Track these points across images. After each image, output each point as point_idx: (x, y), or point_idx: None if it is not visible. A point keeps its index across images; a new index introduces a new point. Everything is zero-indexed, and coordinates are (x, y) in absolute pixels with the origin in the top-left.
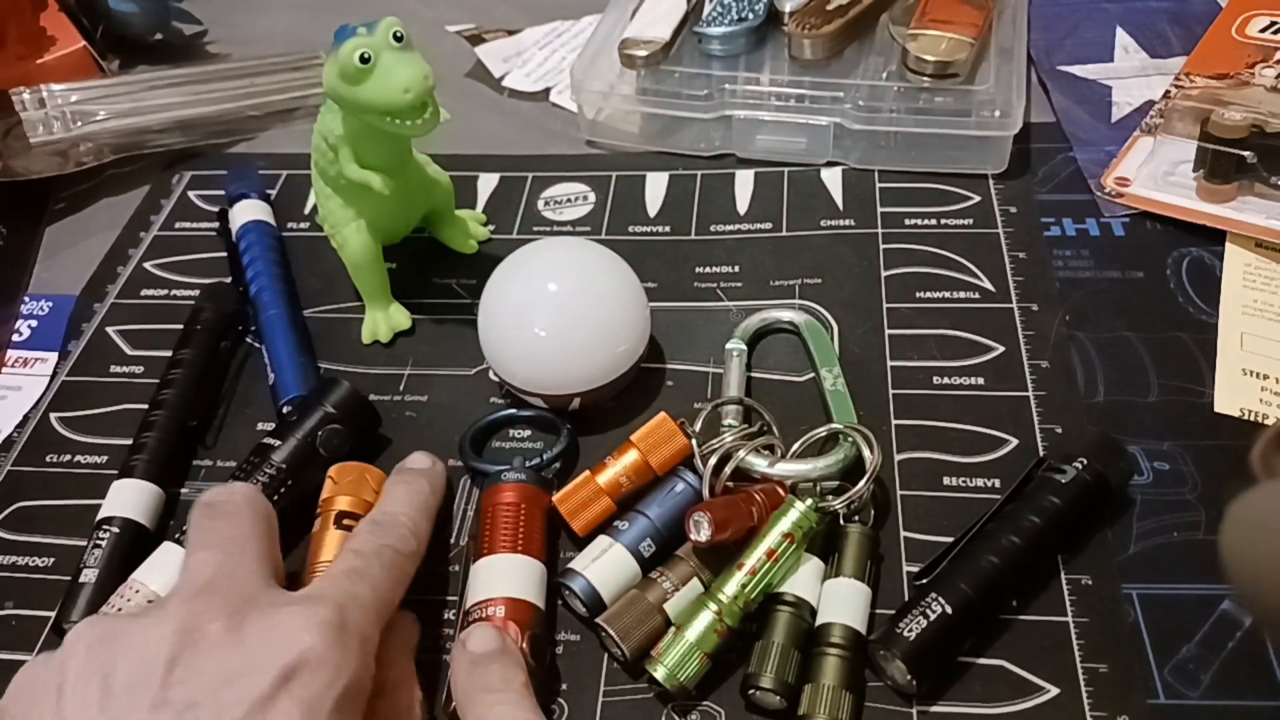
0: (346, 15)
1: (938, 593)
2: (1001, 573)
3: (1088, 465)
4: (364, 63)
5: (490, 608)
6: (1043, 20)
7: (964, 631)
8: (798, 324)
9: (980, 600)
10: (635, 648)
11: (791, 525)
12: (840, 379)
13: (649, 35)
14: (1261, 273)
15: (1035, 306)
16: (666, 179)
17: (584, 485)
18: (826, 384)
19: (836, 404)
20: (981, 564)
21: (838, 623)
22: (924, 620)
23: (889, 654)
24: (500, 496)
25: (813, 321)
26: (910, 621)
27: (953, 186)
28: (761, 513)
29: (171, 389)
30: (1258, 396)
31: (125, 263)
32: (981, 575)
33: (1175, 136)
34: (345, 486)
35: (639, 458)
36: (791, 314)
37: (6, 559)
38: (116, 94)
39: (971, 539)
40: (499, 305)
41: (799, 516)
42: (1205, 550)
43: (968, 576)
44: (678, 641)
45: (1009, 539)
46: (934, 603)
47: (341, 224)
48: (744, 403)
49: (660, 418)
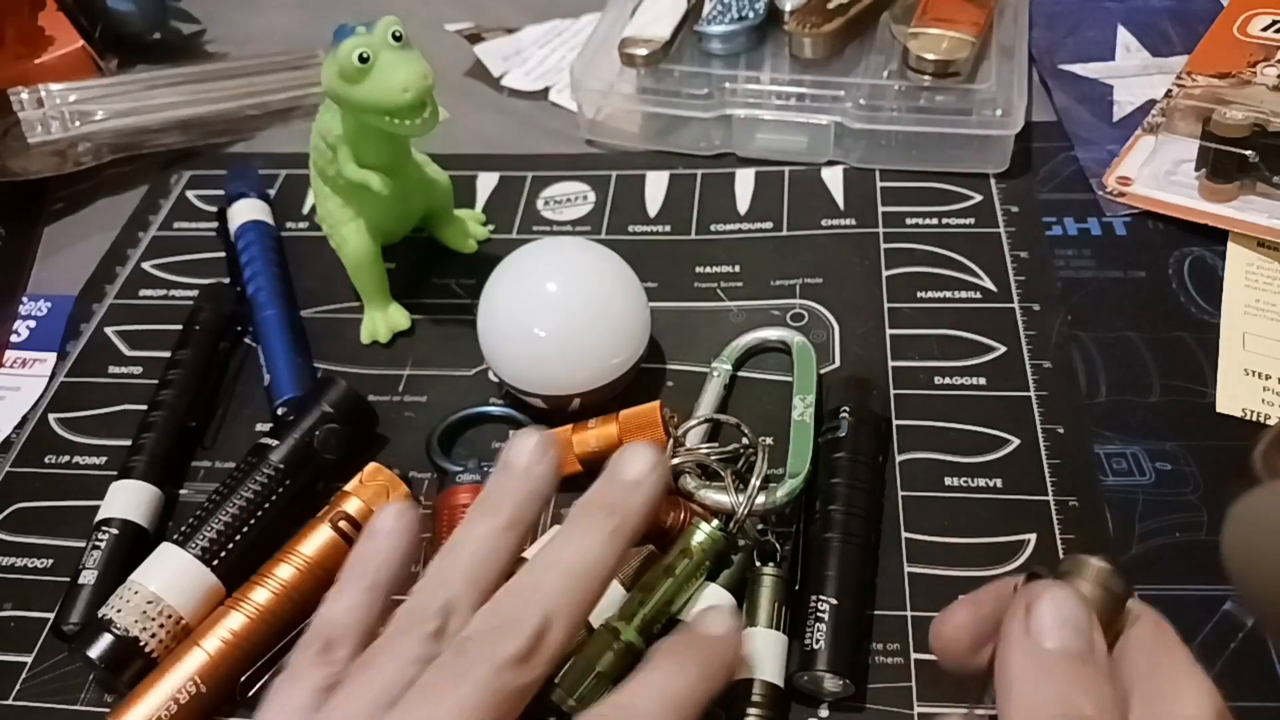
0: (345, 14)
1: (814, 593)
2: (850, 541)
3: (854, 409)
4: (363, 62)
5: None
6: (1044, 19)
7: (859, 610)
8: (790, 344)
9: (853, 575)
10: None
11: (692, 543)
12: (810, 409)
13: (649, 34)
14: (1264, 272)
15: (1037, 306)
16: (666, 178)
17: (560, 436)
18: (795, 412)
19: (797, 434)
20: (829, 545)
21: (757, 678)
22: (822, 624)
23: (816, 675)
24: (455, 499)
25: (805, 345)
26: (813, 634)
27: (954, 186)
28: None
29: (170, 390)
30: (1260, 397)
31: (124, 263)
32: (837, 554)
33: (1177, 136)
34: (365, 491)
35: (615, 434)
36: (784, 334)
37: (5, 560)
38: (115, 94)
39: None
40: (498, 305)
41: (702, 537)
42: (1207, 551)
43: (825, 562)
44: (575, 663)
45: (836, 511)
46: (820, 603)
47: (340, 224)
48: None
49: (652, 405)
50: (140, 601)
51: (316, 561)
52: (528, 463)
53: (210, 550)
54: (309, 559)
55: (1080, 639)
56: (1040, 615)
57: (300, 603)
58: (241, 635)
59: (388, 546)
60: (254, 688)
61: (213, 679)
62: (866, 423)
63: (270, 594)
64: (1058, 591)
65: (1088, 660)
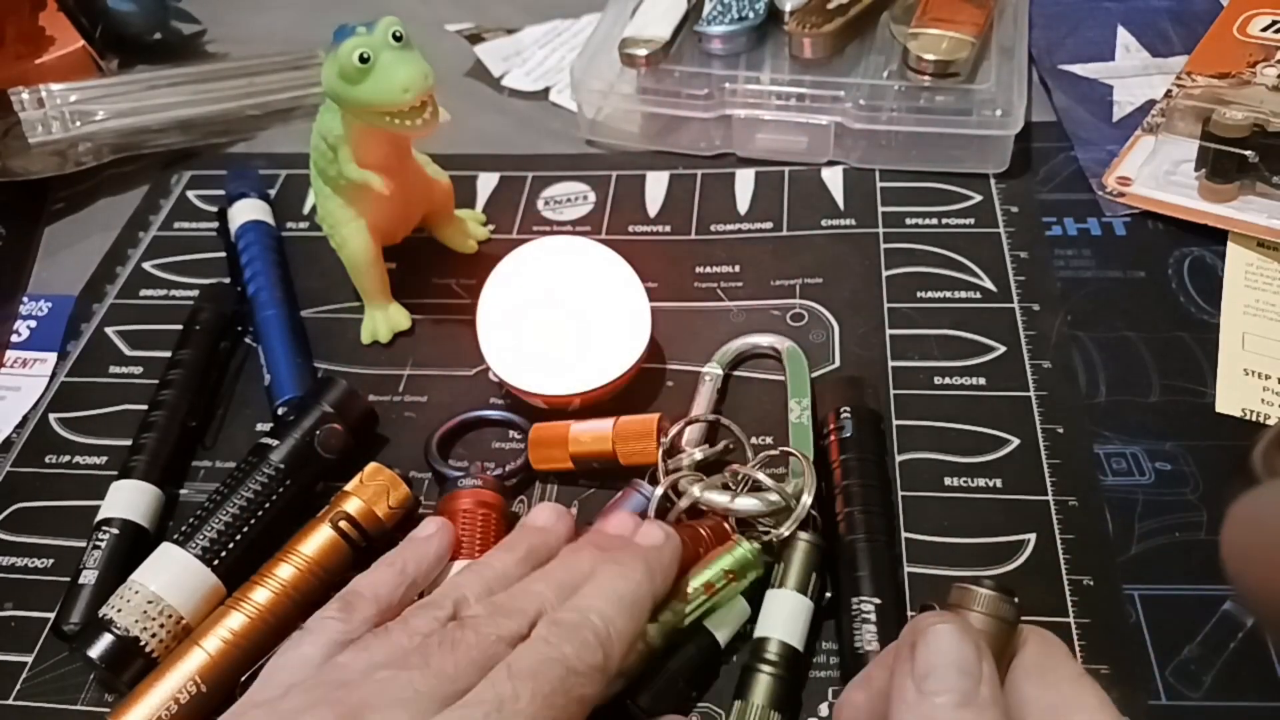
0: (345, 14)
1: (852, 595)
2: (875, 539)
3: (855, 409)
4: (363, 62)
5: None
6: (1044, 19)
7: (900, 605)
8: (780, 350)
9: (887, 571)
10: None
11: (735, 564)
12: (807, 412)
13: (649, 34)
14: (1263, 272)
15: (1036, 306)
16: (666, 178)
17: (559, 429)
18: (793, 415)
19: (797, 436)
20: (857, 546)
21: (774, 638)
22: (870, 625)
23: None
24: (457, 503)
25: (795, 350)
26: (861, 635)
27: (954, 186)
28: (706, 547)
29: (171, 389)
30: (1259, 396)
31: (124, 263)
32: (867, 554)
33: (1177, 136)
34: (365, 491)
35: (609, 439)
36: (774, 340)
37: (6, 560)
38: (115, 94)
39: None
40: (499, 306)
41: (749, 557)
42: (1207, 551)
43: (857, 564)
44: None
45: (856, 512)
46: (862, 604)
47: (341, 224)
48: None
49: (650, 418)
50: (140, 601)
51: (317, 561)
52: (546, 522)
53: (210, 550)
54: (309, 559)
55: (966, 679)
56: (924, 656)
57: (300, 602)
58: (242, 635)
59: (424, 546)
60: None
61: (213, 679)
62: (868, 421)
63: (270, 594)
64: (941, 629)
65: (973, 701)
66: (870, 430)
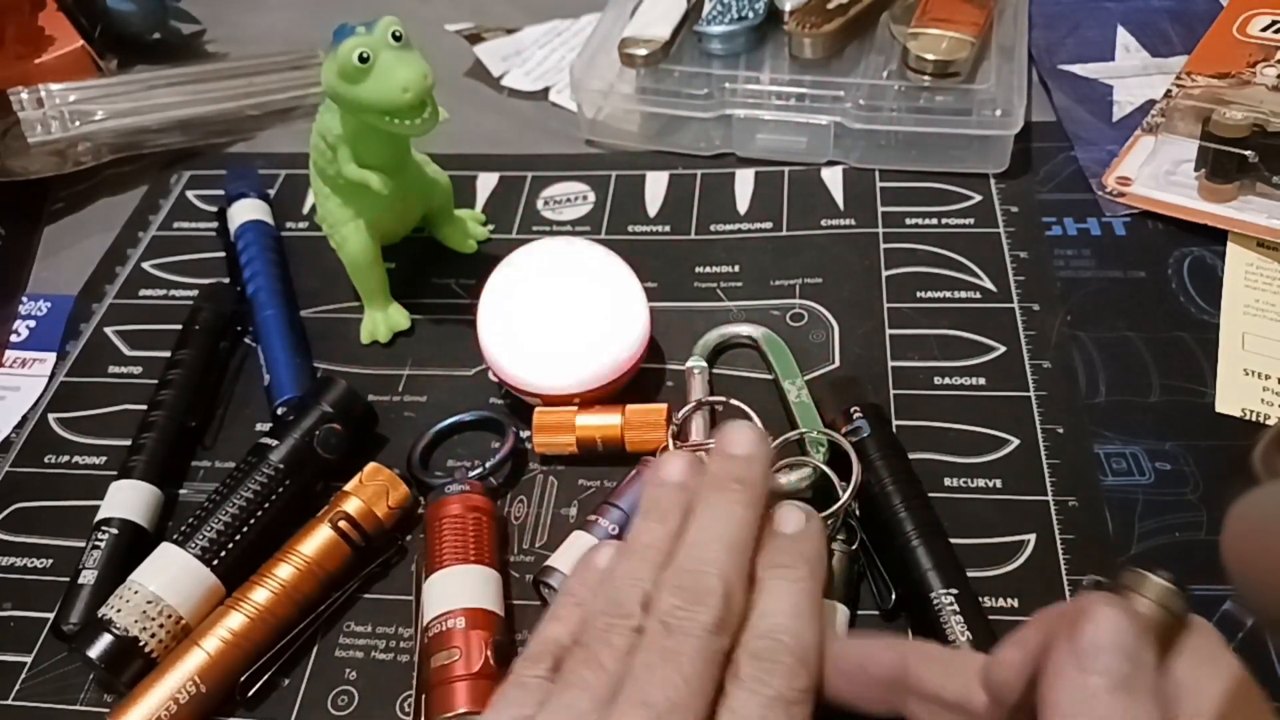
0: (345, 14)
1: (926, 593)
2: (926, 531)
3: (864, 408)
4: (363, 62)
5: (450, 620)
6: (1044, 19)
7: (971, 589)
8: (755, 338)
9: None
10: None
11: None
12: (804, 390)
13: (649, 34)
14: (1263, 272)
15: (1036, 306)
16: (666, 178)
17: (566, 414)
18: (791, 396)
19: (803, 415)
20: (910, 543)
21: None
22: (958, 616)
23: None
24: (446, 510)
25: (770, 334)
26: (950, 629)
27: (954, 186)
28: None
29: (170, 389)
30: (1259, 397)
31: (124, 263)
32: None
33: (1177, 136)
34: (365, 491)
35: (619, 426)
36: (749, 329)
37: (5, 560)
38: (115, 94)
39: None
40: (498, 305)
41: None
42: (1207, 551)
43: (916, 563)
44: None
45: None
46: (943, 597)
47: (340, 224)
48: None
49: (659, 407)
50: (140, 601)
51: (316, 561)
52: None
53: (210, 550)
54: (309, 559)
55: (1126, 664)
56: (1088, 634)
57: (300, 602)
58: (241, 635)
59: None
60: (254, 687)
61: (213, 679)
62: (879, 418)
63: (270, 594)
64: (1109, 611)
65: (1129, 687)
66: (885, 425)
